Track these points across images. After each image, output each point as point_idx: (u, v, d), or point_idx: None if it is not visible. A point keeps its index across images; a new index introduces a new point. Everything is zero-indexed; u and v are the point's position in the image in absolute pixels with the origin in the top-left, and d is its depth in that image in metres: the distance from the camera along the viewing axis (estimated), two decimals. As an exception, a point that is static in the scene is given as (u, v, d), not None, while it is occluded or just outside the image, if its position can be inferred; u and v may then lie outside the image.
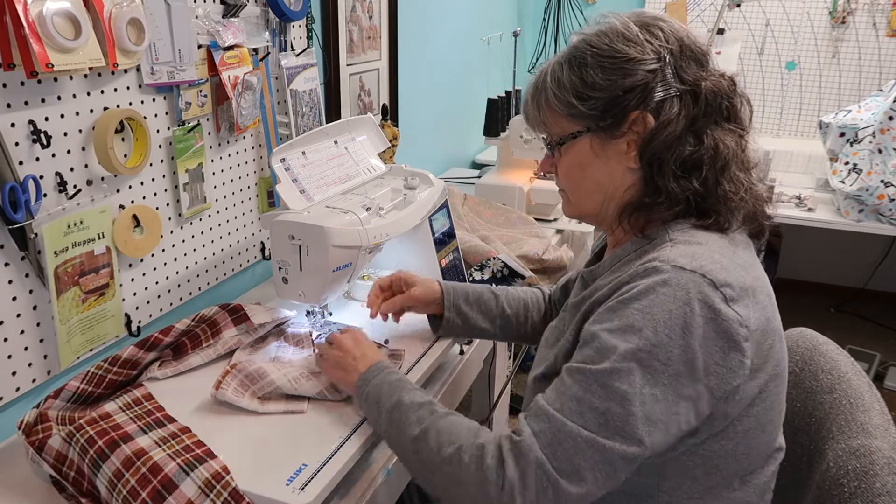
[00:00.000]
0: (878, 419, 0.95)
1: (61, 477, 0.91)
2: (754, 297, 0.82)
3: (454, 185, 2.20)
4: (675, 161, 0.86)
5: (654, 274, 0.81)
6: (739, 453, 0.85)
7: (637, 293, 0.80)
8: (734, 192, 0.87)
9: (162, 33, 1.18)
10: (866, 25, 3.14)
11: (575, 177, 0.96)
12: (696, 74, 0.88)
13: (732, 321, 0.78)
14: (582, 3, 3.53)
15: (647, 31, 0.89)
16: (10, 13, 0.91)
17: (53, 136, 1.04)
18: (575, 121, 0.92)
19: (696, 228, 0.87)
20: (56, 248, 1.03)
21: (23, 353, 1.05)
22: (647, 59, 0.87)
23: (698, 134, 0.87)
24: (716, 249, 0.84)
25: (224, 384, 1.04)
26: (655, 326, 0.77)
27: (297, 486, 0.87)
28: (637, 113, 0.87)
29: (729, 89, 0.89)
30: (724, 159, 0.87)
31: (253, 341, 1.22)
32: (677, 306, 0.78)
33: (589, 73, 0.89)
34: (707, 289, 0.78)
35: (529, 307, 1.25)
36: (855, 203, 2.46)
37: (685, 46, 0.89)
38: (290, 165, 1.26)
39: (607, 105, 0.89)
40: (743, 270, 0.83)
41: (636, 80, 0.87)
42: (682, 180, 0.86)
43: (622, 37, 0.89)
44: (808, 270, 3.59)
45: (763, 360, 0.82)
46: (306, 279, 1.18)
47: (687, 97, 0.87)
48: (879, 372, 2.87)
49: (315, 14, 1.67)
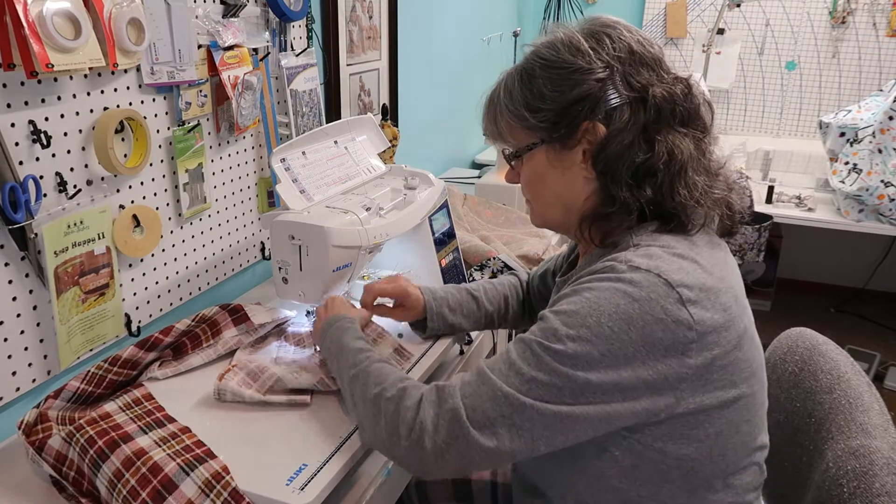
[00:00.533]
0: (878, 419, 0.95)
1: (61, 477, 0.91)
2: (716, 299, 0.81)
3: (454, 185, 2.20)
4: (628, 169, 0.86)
5: (609, 272, 0.82)
6: (715, 455, 0.84)
7: (590, 286, 0.82)
8: (689, 196, 0.86)
9: (162, 33, 1.18)
10: (866, 25, 3.14)
11: (535, 188, 0.98)
12: (646, 80, 0.88)
13: (682, 323, 0.78)
14: (582, 3, 3.54)
15: (595, 40, 0.89)
16: (10, 13, 0.91)
17: (53, 136, 1.04)
18: (530, 132, 0.93)
19: (659, 232, 0.87)
20: (56, 248, 1.03)
21: (23, 353, 1.05)
22: (595, 69, 0.87)
23: (650, 140, 0.87)
24: (677, 251, 0.84)
25: (227, 377, 1.04)
26: (599, 318, 0.79)
27: (297, 486, 0.87)
28: (588, 123, 0.88)
29: (683, 93, 0.89)
30: (679, 164, 0.86)
31: (253, 341, 1.22)
32: (626, 301, 0.79)
33: (538, 84, 0.90)
34: (662, 289, 0.79)
35: (509, 299, 1.28)
36: (855, 203, 2.46)
37: (634, 53, 0.89)
38: (290, 165, 1.26)
39: (558, 116, 0.89)
40: (704, 272, 0.83)
41: (584, 90, 0.87)
42: (635, 189, 0.86)
43: (569, 47, 0.89)
44: (808, 270, 3.59)
45: (725, 361, 0.82)
46: (306, 279, 1.18)
47: (637, 104, 0.87)
48: (879, 372, 2.87)
49: (315, 14, 1.67)
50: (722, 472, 0.86)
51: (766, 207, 2.57)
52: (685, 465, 0.84)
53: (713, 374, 0.81)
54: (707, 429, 0.83)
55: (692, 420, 0.82)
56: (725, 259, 0.91)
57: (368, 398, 0.90)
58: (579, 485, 0.88)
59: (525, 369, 0.81)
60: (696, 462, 0.84)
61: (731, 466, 0.87)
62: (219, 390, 1.04)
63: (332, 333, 1.05)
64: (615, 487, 0.86)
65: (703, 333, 0.79)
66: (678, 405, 0.81)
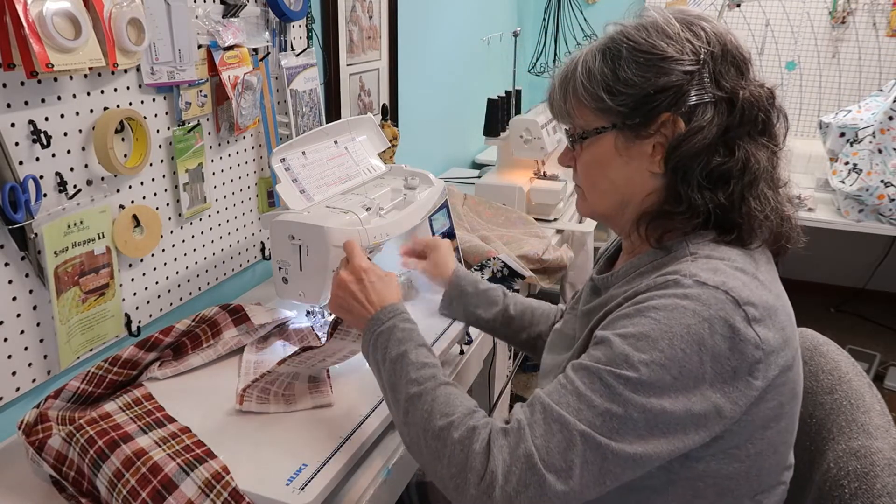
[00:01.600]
0: (879, 420, 0.95)
1: (61, 477, 0.91)
2: (776, 317, 0.79)
3: (454, 185, 2.20)
4: (702, 171, 0.82)
5: (673, 286, 0.78)
6: (752, 475, 0.82)
7: (656, 304, 0.77)
8: (760, 209, 0.83)
9: (162, 33, 1.18)
10: (866, 25, 3.14)
11: (593, 174, 0.92)
12: (735, 82, 0.84)
13: (749, 342, 0.75)
14: (582, 3, 3.53)
15: (689, 30, 0.84)
16: (10, 13, 0.90)
17: (53, 136, 1.04)
18: (601, 115, 0.88)
19: (717, 243, 0.84)
20: (56, 248, 1.03)
21: (23, 353, 1.05)
22: (685, 60, 0.83)
23: (730, 145, 0.83)
24: (739, 266, 0.80)
25: (247, 397, 1.04)
26: (672, 340, 0.74)
27: (297, 486, 0.87)
28: (668, 115, 0.83)
29: (767, 101, 0.85)
30: (753, 174, 0.83)
31: (256, 340, 1.22)
32: (696, 321, 0.75)
33: (622, 66, 0.85)
34: (729, 306, 0.75)
35: (536, 314, 1.23)
36: (855, 203, 2.46)
37: (727, 51, 0.84)
38: (290, 165, 1.26)
39: (638, 102, 0.84)
40: (765, 290, 0.80)
41: (671, 80, 0.82)
42: (707, 192, 0.82)
43: (662, 33, 0.84)
44: (808, 270, 3.59)
45: (779, 382, 0.79)
46: (306, 279, 1.18)
47: (722, 105, 0.83)
48: (879, 372, 2.87)
49: (315, 14, 1.67)
50: (754, 490, 0.84)
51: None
52: (722, 484, 0.82)
53: (770, 395, 0.79)
54: (749, 449, 0.81)
55: (737, 441, 0.80)
56: (776, 277, 0.88)
57: (432, 430, 0.82)
58: (610, 496, 0.81)
59: (598, 402, 0.75)
60: (732, 481, 0.82)
61: (763, 485, 0.85)
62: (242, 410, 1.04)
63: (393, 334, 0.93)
64: (646, 499, 0.83)
65: (769, 353, 0.76)
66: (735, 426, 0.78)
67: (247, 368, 1.15)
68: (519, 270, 1.67)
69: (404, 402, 0.86)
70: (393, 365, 0.90)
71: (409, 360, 0.89)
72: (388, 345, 0.92)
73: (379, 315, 0.95)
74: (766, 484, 0.85)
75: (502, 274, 1.67)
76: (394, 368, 0.89)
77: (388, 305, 0.96)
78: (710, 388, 0.75)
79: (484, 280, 1.28)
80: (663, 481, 0.82)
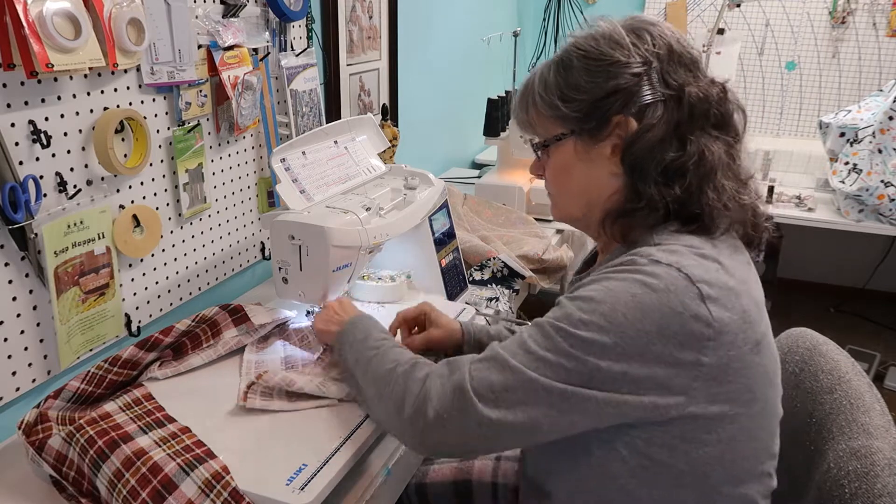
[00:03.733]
0: (879, 420, 0.95)
1: (61, 477, 0.91)
2: (737, 300, 0.80)
3: (454, 185, 2.20)
4: (657, 166, 0.86)
5: (629, 264, 0.82)
6: (726, 461, 0.83)
7: (609, 276, 0.82)
8: (717, 199, 0.86)
9: (162, 33, 1.18)
10: (866, 25, 3.14)
11: (560, 180, 0.97)
12: (683, 80, 0.88)
13: (700, 319, 0.77)
14: (582, 3, 3.53)
15: (636, 36, 0.89)
16: (10, 13, 0.91)
17: (53, 136, 1.04)
18: (560, 123, 0.93)
19: (680, 233, 0.86)
20: (56, 248, 1.03)
21: (23, 353, 1.05)
22: (633, 63, 0.87)
23: (682, 139, 0.86)
24: (700, 251, 0.83)
25: (251, 394, 1.04)
26: (614, 304, 0.78)
27: (297, 486, 0.87)
28: (620, 116, 0.88)
29: (718, 97, 0.89)
30: (709, 166, 0.86)
31: (256, 340, 1.22)
32: (643, 291, 0.78)
33: (574, 74, 0.90)
34: (681, 282, 0.78)
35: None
36: (855, 203, 2.46)
37: (673, 51, 0.88)
38: (290, 165, 1.26)
39: (591, 107, 0.89)
40: (726, 273, 0.82)
41: (620, 83, 0.87)
42: (664, 186, 0.86)
43: (610, 40, 0.88)
44: (808, 270, 3.59)
45: (742, 364, 0.80)
46: (306, 279, 1.18)
47: (672, 102, 0.87)
48: (879, 372, 2.87)
49: (315, 14, 1.67)
50: (734, 478, 0.85)
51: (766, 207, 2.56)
52: (697, 469, 0.83)
53: (728, 377, 0.80)
54: (720, 433, 0.82)
55: (706, 424, 0.81)
56: (748, 263, 0.89)
57: (381, 373, 0.92)
58: (589, 482, 0.87)
59: (535, 348, 0.80)
60: (707, 467, 0.83)
61: (744, 474, 0.85)
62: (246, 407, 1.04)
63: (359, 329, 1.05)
64: (623, 487, 0.85)
65: (721, 332, 0.78)
66: (689, 405, 0.79)
67: (248, 368, 1.15)
68: (519, 270, 1.67)
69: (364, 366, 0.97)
70: (359, 344, 1.01)
71: (372, 337, 1.01)
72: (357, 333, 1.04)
73: (350, 321, 1.08)
74: (745, 471, 0.86)
75: (502, 274, 1.67)
76: (359, 346, 1.01)
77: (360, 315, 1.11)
78: (654, 359, 0.77)
79: (486, 325, 1.24)
80: (635, 465, 0.83)
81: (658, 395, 0.78)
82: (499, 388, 0.80)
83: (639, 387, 0.78)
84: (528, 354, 0.81)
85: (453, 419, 0.82)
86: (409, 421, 0.85)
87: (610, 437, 0.83)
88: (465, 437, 0.82)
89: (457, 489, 1.21)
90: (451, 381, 0.83)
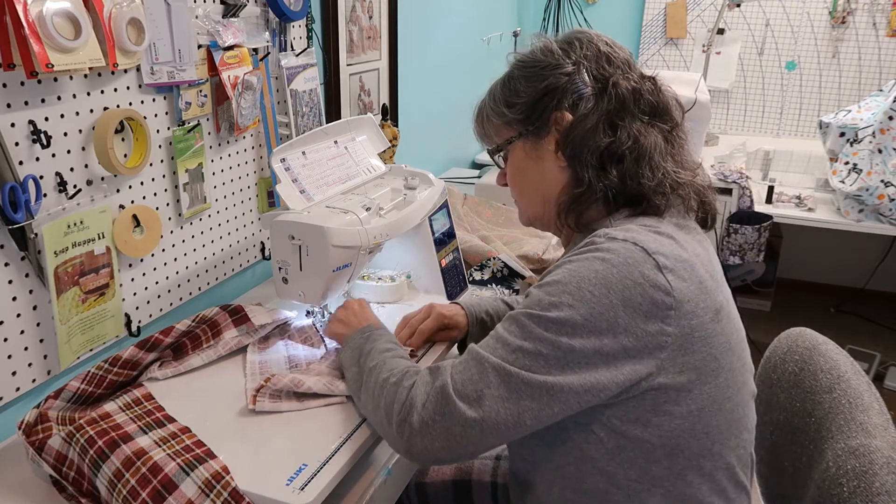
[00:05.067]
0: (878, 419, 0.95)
1: (61, 477, 0.92)
2: (692, 270, 0.85)
3: (454, 185, 2.20)
4: (593, 153, 0.92)
5: (588, 245, 0.87)
6: (698, 432, 0.86)
7: (572, 259, 0.86)
8: (652, 177, 0.91)
9: (162, 33, 1.18)
10: (866, 25, 3.14)
11: (517, 182, 1.05)
12: (611, 74, 0.95)
13: (659, 288, 0.81)
14: (582, 3, 3.54)
15: (567, 44, 0.98)
16: (10, 13, 0.91)
17: (53, 136, 1.04)
18: (509, 128, 1.02)
19: (633, 216, 0.92)
20: (56, 248, 1.03)
21: (23, 353, 1.05)
22: (563, 64, 0.96)
23: (614, 126, 0.93)
24: (653, 228, 0.88)
25: (259, 397, 1.04)
26: (580, 283, 0.82)
27: (297, 486, 0.87)
28: (557, 113, 0.96)
29: (649, 89, 0.96)
30: (644, 149, 0.92)
31: (257, 340, 1.22)
32: (604, 267, 0.82)
33: (515, 82, 1.00)
34: (639, 254, 0.83)
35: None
36: (855, 203, 2.46)
37: (600, 52, 0.97)
38: (290, 165, 1.26)
39: (531, 108, 0.98)
40: (679, 247, 0.87)
41: (552, 82, 0.96)
42: (601, 170, 0.92)
43: (544, 49, 0.99)
44: (808, 270, 3.59)
45: (704, 333, 0.84)
46: (306, 279, 1.18)
47: (602, 94, 0.94)
48: (879, 372, 2.87)
49: (315, 14, 1.67)
50: (708, 451, 0.87)
51: (766, 207, 2.57)
52: (669, 444, 0.85)
53: (693, 346, 0.83)
54: (689, 405, 0.85)
55: (674, 395, 0.84)
56: (700, 241, 0.94)
57: (377, 384, 0.94)
58: (567, 468, 0.90)
59: (510, 340, 0.84)
60: (680, 439, 0.85)
61: (718, 446, 0.88)
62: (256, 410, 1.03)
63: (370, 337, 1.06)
64: (602, 470, 0.87)
65: (681, 301, 0.82)
66: (659, 374, 0.82)
67: (252, 368, 1.15)
68: (519, 270, 1.67)
69: (365, 377, 0.98)
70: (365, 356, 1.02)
71: (376, 349, 1.02)
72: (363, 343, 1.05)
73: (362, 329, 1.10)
74: (720, 445, 0.88)
75: (502, 274, 1.67)
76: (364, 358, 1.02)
77: (372, 324, 1.11)
78: (623, 331, 0.81)
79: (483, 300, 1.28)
80: (612, 446, 0.86)
81: (630, 368, 0.81)
82: (480, 387, 0.83)
83: (612, 362, 0.81)
84: (505, 347, 0.84)
85: (437, 424, 0.84)
86: (397, 430, 0.87)
87: (587, 420, 0.86)
88: (450, 441, 0.84)
89: (456, 489, 1.22)
90: (434, 387, 0.86)
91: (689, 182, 0.95)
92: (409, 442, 0.86)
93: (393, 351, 1.01)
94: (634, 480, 0.87)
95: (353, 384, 1.02)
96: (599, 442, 0.86)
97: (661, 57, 3.46)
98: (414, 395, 0.87)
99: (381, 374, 0.95)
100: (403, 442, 0.87)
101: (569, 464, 0.89)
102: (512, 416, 0.82)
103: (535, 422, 0.83)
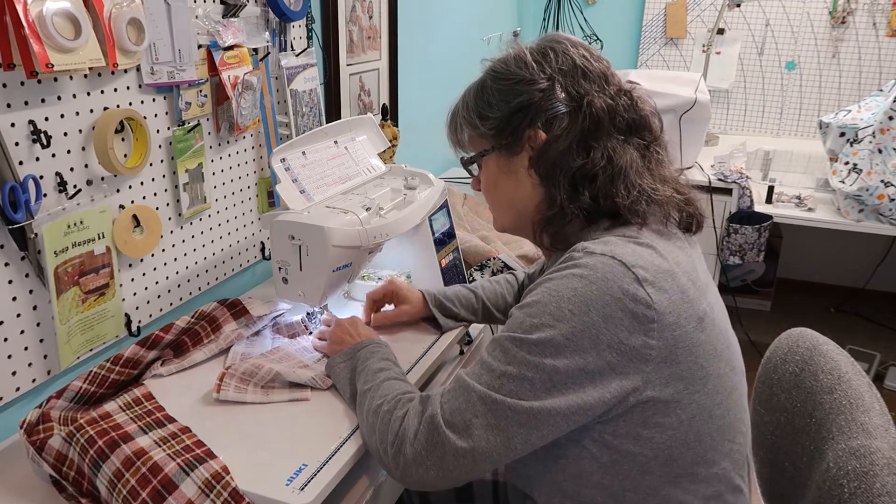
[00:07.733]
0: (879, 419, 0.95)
1: (61, 477, 0.92)
2: (673, 281, 0.84)
3: (454, 185, 2.20)
4: (565, 175, 0.91)
5: (567, 261, 0.86)
6: (690, 441, 0.86)
7: (551, 277, 0.85)
8: (626, 195, 0.90)
9: (162, 33, 1.18)
10: (866, 25, 3.14)
11: (491, 194, 1.04)
12: (586, 91, 0.93)
13: (640, 302, 0.80)
14: (582, 3, 3.53)
15: (541, 55, 0.95)
16: (10, 13, 0.91)
17: (53, 136, 1.04)
18: (482, 140, 1.01)
19: (614, 227, 0.91)
20: (56, 248, 1.03)
21: (23, 353, 1.05)
22: (538, 80, 0.93)
23: (588, 147, 0.91)
24: (633, 239, 0.87)
25: (224, 385, 1.04)
26: (559, 302, 0.81)
27: (297, 486, 0.87)
28: (530, 130, 0.94)
29: (625, 105, 0.94)
30: (618, 168, 0.90)
31: (250, 335, 1.23)
32: (583, 285, 0.81)
33: (487, 94, 0.98)
34: (618, 269, 0.81)
35: (506, 296, 1.33)
36: (855, 203, 2.46)
37: (577, 66, 0.94)
38: (290, 165, 1.26)
39: (503, 124, 0.96)
40: (659, 257, 0.86)
41: (526, 99, 0.94)
42: (573, 192, 0.91)
43: (518, 60, 0.96)
44: (808, 270, 3.59)
45: (689, 343, 0.83)
46: (306, 279, 1.18)
47: (576, 113, 0.92)
48: (879, 372, 2.87)
49: (315, 14, 1.67)
50: (702, 458, 0.87)
51: (766, 207, 2.57)
52: (662, 455, 0.85)
53: (678, 356, 0.82)
54: (679, 415, 0.84)
55: (662, 407, 0.83)
56: (682, 248, 0.93)
57: (371, 410, 0.94)
58: (564, 484, 0.90)
59: (495, 365, 0.83)
60: (672, 450, 0.85)
61: (711, 452, 0.88)
62: (220, 400, 1.04)
63: (361, 355, 1.07)
64: (598, 483, 0.87)
65: (663, 313, 0.81)
66: (646, 388, 0.82)
67: (233, 359, 1.16)
68: (519, 270, 1.67)
69: (359, 398, 0.99)
70: (358, 374, 1.03)
71: (369, 369, 1.02)
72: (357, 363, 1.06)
73: (357, 344, 1.10)
74: (712, 451, 0.88)
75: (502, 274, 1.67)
76: (358, 377, 1.03)
77: (368, 338, 1.12)
78: (606, 348, 0.80)
79: (445, 288, 1.33)
80: (606, 461, 0.86)
81: (616, 385, 0.81)
82: (468, 417, 0.83)
83: (597, 379, 0.80)
84: (490, 373, 0.83)
85: (430, 455, 0.84)
86: (392, 460, 0.88)
87: (578, 437, 0.85)
88: (444, 471, 0.84)
89: (457, 488, 1.22)
90: (424, 418, 0.86)
91: (666, 199, 0.93)
92: (404, 472, 0.87)
93: (385, 371, 1.01)
94: (630, 491, 0.87)
95: (350, 401, 1.04)
96: (593, 457, 0.86)
97: (661, 57, 3.46)
98: (406, 426, 0.87)
99: (374, 399, 0.95)
100: (399, 472, 0.87)
101: (565, 479, 0.89)
102: (502, 443, 0.82)
103: (526, 446, 0.83)
